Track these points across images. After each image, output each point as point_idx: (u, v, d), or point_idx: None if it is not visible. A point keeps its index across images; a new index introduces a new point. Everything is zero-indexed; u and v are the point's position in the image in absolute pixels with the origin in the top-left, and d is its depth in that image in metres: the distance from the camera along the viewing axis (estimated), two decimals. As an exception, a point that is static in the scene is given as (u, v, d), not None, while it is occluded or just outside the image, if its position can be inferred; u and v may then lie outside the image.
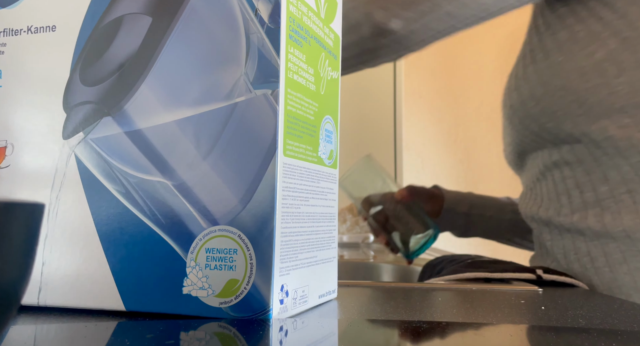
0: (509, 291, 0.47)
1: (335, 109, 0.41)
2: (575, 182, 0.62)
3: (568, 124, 0.61)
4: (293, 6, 0.34)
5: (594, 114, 0.59)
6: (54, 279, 0.35)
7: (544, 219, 0.66)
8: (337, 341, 0.27)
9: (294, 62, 0.34)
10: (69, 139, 0.35)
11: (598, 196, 0.60)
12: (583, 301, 0.42)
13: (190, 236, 0.32)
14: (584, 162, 0.61)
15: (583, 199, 0.61)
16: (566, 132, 0.62)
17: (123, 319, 0.32)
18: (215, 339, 0.27)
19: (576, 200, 0.62)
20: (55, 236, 0.35)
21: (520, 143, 0.70)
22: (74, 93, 0.35)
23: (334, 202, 0.40)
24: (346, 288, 0.46)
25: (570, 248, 0.62)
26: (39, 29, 0.37)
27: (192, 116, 0.33)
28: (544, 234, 0.67)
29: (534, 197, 0.70)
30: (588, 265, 0.60)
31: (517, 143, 0.71)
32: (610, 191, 0.59)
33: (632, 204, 0.57)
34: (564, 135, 0.62)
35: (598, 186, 0.60)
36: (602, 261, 0.59)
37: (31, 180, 0.36)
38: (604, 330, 0.30)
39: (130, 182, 0.34)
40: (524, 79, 0.67)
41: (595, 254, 0.60)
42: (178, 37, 0.34)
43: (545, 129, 0.64)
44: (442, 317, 0.34)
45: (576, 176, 0.62)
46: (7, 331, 0.28)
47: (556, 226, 0.64)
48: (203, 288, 0.32)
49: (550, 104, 0.62)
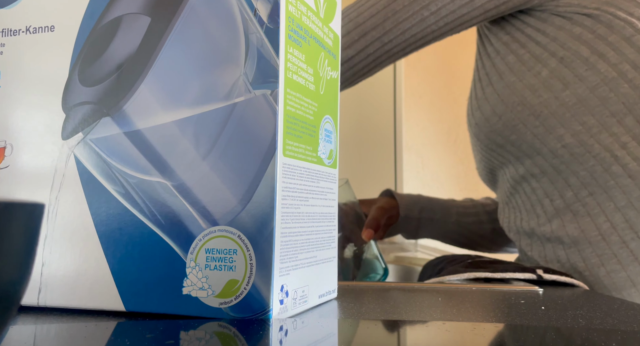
0: (509, 291, 0.46)
1: (335, 108, 0.41)
2: (544, 192, 0.69)
3: (529, 135, 0.68)
4: (292, 6, 0.34)
5: (549, 125, 0.67)
6: (54, 280, 0.35)
7: (527, 230, 0.72)
8: (337, 341, 0.27)
9: (294, 62, 0.34)
10: (68, 139, 0.35)
11: (566, 202, 0.67)
12: (583, 301, 0.42)
13: (190, 237, 0.32)
14: (546, 173, 0.68)
15: (555, 207, 0.68)
16: (528, 143, 0.69)
17: (123, 319, 0.32)
18: (215, 339, 0.27)
19: (549, 208, 0.68)
20: (54, 236, 0.35)
21: (489, 159, 0.78)
22: (73, 93, 0.35)
23: (334, 202, 0.40)
24: (346, 288, 0.46)
25: (552, 257, 0.68)
26: (38, 29, 0.37)
27: (191, 116, 0.33)
28: (525, 245, 0.73)
29: (513, 210, 0.76)
30: (570, 271, 0.66)
31: (487, 160, 0.78)
32: (575, 196, 0.66)
33: (596, 206, 0.64)
34: (525, 147, 0.69)
35: (563, 192, 0.67)
36: (582, 266, 0.65)
37: (30, 180, 0.36)
38: (604, 330, 0.30)
39: (130, 182, 0.34)
40: (484, 99, 0.75)
41: (574, 260, 0.65)
42: (177, 37, 0.34)
43: (509, 141, 0.71)
44: (442, 317, 0.34)
45: (543, 186, 0.69)
46: (7, 331, 0.28)
47: (538, 237, 0.70)
48: (203, 288, 0.32)
49: (511, 119, 0.70)
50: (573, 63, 0.66)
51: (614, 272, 0.63)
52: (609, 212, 0.63)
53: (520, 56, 0.70)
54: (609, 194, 0.63)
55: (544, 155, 0.68)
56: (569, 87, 0.66)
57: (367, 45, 0.70)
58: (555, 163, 0.67)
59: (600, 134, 0.63)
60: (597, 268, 0.63)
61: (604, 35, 0.65)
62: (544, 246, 0.69)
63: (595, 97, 0.64)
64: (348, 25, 0.71)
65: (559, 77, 0.67)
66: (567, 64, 0.66)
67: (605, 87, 0.64)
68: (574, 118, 0.65)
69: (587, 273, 0.64)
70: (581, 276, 0.65)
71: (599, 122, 0.64)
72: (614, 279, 0.62)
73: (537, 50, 0.69)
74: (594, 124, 0.64)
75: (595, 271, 0.64)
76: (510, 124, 0.70)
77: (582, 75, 0.65)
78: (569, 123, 0.65)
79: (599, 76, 0.64)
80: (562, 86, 0.66)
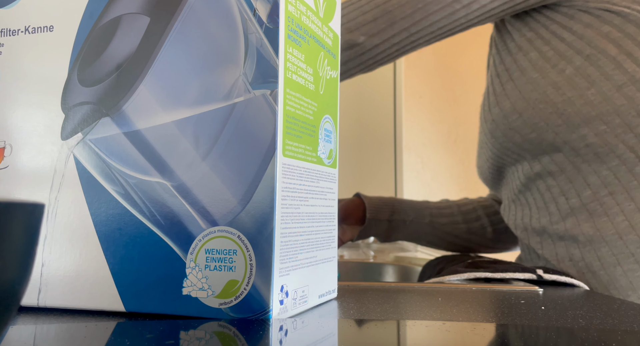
0: (509, 291, 0.46)
1: (335, 108, 0.41)
2: (560, 190, 0.68)
3: (550, 134, 0.67)
4: (292, 6, 0.34)
5: (572, 124, 0.65)
6: (54, 281, 0.35)
7: (537, 228, 0.71)
8: (337, 341, 0.27)
9: (293, 62, 0.34)
10: (68, 139, 0.35)
11: (583, 201, 0.66)
12: (583, 301, 0.42)
13: (190, 237, 0.32)
14: (565, 171, 0.67)
15: (570, 205, 0.67)
16: (548, 142, 0.68)
17: (123, 319, 0.32)
18: (215, 339, 0.27)
19: (564, 207, 0.67)
20: (54, 237, 0.35)
21: (500, 157, 0.76)
22: (73, 93, 0.35)
23: (334, 202, 0.40)
24: (346, 288, 0.46)
25: (564, 255, 0.67)
26: (37, 29, 0.37)
27: (190, 117, 0.33)
28: (535, 243, 0.72)
29: (521, 208, 0.75)
30: (584, 270, 0.65)
31: (498, 157, 0.77)
32: (593, 195, 0.65)
33: (615, 205, 0.63)
34: (545, 145, 0.68)
35: (581, 191, 0.66)
36: (597, 265, 0.64)
37: (30, 181, 0.36)
38: (604, 330, 0.30)
39: (129, 183, 0.34)
40: (504, 95, 0.73)
41: (590, 260, 0.64)
42: (176, 37, 0.34)
43: (528, 139, 0.70)
44: (442, 317, 0.34)
45: (560, 184, 0.68)
46: (7, 331, 0.28)
47: (550, 235, 0.69)
48: (203, 288, 0.32)
49: (532, 116, 0.68)
50: (599, 61, 0.65)
51: (631, 271, 0.62)
52: (628, 212, 0.63)
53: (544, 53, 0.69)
54: (630, 195, 0.63)
55: (565, 153, 0.67)
56: (594, 85, 0.64)
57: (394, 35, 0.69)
58: (576, 162, 0.66)
59: (625, 134, 0.63)
60: (614, 267, 0.63)
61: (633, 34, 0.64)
62: (555, 245, 0.68)
63: (622, 97, 0.63)
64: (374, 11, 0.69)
65: (583, 75, 0.65)
66: (592, 62, 0.65)
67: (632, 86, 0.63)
68: (598, 117, 0.64)
69: (602, 272, 0.63)
70: (595, 275, 0.64)
71: (624, 122, 0.63)
72: (631, 278, 0.62)
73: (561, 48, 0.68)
74: (619, 124, 0.63)
75: (611, 271, 0.63)
76: (530, 122, 0.69)
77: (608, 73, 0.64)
78: (593, 122, 0.64)
79: (626, 75, 0.63)
80: (587, 84, 0.65)
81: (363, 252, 1.18)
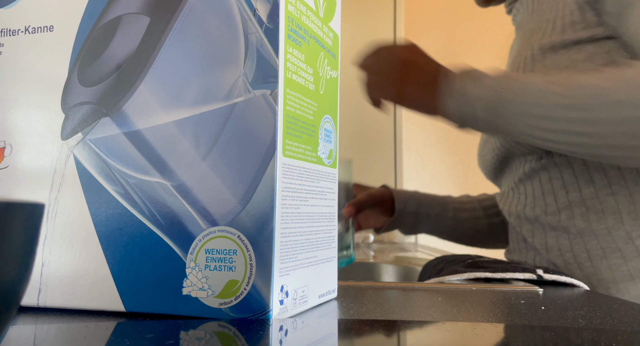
0: (509, 291, 0.46)
1: (335, 108, 0.41)
2: (562, 183, 0.69)
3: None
4: (292, 6, 0.34)
5: None
6: (54, 281, 0.35)
7: (530, 217, 0.72)
8: (337, 341, 0.27)
9: (293, 62, 0.34)
10: (68, 139, 0.35)
11: (583, 197, 0.66)
12: (583, 301, 0.42)
13: (190, 237, 0.32)
14: (573, 165, 0.68)
15: (568, 199, 0.68)
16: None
17: (123, 319, 0.32)
18: (215, 339, 0.27)
19: (561, 199, 0.68)
20: (54, 237, 0.35)
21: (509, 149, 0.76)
22: (73, 93, 0.35)
23: (334, 201, 0.40)
24: (346, 288, 0.46)
25: (553, 245, 0.68)
26: (37, 29, 0.37)
27: (191, 117, 0.33)
28: (526, 230, 0.73)
29: (518, 196, 0.75)
30: (571, 260, 0.66)
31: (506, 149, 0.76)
32: (595, 192, 0.66)
33: (614, 204, 0.64)
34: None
35: (584, 187, 0.66)
36: (584, 257, 0.65)
37: (30, 181, 0.36)
38: (604, 330, 0.30)
39: (130, 183, 0.34)
40: None
41: (578, 251, 0.66)
42: (176, 37, 0.34)
43: None
44: (442, 317, 0.34)
45: (564, 178, 0.68)
46: (7, 331, 0.28)
47: (542, 225, 0.70)
48: (203, 288, 0.32)
49: None
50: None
51: (616, 266, 0.63)
52: (625, 211, 0.64)
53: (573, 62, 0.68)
54: (632, 198, 0.64)
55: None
56: None
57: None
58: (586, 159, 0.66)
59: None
60: (600, 260, 0.64)
61: None
62: (546, 234, 0.69)
63: None
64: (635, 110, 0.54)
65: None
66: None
67: None
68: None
69: (588, 264, 0.65)
70: (581, 266, 0.65)
71: None
72: (615, 272, 0.63)
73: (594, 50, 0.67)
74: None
75: (597, 263, 0.64)
76: None
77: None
78: None
79: None
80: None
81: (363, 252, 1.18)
